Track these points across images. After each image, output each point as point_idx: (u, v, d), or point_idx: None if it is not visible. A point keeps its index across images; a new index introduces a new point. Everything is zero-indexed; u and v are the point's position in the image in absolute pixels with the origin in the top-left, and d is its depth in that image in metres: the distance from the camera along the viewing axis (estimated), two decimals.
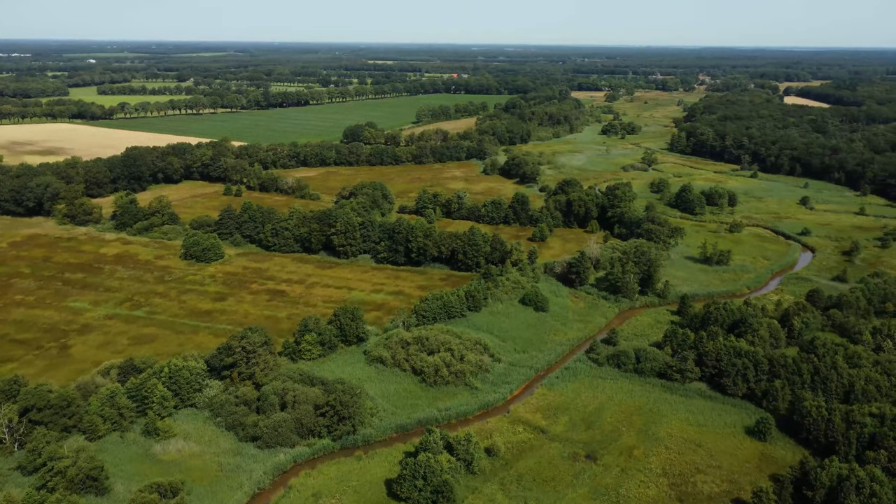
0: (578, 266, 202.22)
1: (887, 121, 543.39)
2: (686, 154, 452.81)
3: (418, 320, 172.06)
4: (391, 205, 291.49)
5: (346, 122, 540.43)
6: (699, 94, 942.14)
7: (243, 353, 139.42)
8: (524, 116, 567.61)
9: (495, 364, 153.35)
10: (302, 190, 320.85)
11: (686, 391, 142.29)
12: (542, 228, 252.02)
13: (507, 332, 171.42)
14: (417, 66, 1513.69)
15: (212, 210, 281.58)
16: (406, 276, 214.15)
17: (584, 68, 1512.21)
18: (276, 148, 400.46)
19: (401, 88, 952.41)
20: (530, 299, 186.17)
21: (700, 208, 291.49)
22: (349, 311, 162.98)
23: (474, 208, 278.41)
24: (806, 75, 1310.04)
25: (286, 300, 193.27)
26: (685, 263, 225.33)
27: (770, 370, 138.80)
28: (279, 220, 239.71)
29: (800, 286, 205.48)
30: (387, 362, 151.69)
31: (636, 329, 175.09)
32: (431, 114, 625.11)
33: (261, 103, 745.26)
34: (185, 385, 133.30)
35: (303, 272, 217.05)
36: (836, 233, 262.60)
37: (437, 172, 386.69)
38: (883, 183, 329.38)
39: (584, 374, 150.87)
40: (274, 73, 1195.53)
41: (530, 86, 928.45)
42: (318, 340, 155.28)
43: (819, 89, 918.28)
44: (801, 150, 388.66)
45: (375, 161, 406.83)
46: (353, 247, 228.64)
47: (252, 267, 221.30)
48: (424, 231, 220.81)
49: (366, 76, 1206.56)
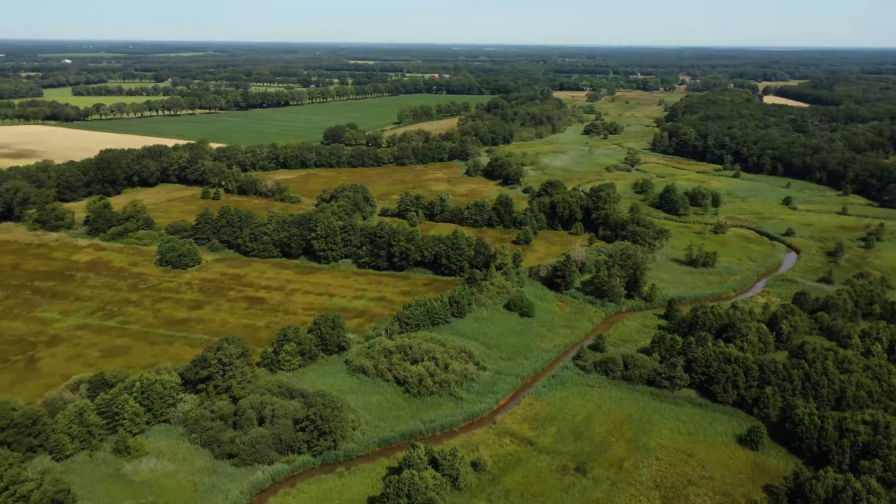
0: (564, 270, 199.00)
1: (865, 120, 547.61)
2: (669, 154, 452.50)
3: (401, 328, 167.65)
4: (373, 208, 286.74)
5: (326, 123, 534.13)
6: (680, 93, 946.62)
7: (219, 366, 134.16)
8: (506, 117, 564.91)
9: (481, 373, 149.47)
10: (282, 193, 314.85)
11: (676, 399, 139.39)
12: (527, 231, 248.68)
13: (492, 338, 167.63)
14: (399, 66, 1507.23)
15: (189, 214, 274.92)
16: (388, 282, 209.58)
17: (566, 68, 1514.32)
18: (256, 150, 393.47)
19: (382, 89, 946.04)
20: (515, 304, 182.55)
21: (684, 209, 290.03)
22: (330, 319, 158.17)
23: (457, 211, 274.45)
24: (784, 75, 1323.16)
25: (265, 308, 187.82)
26: (671, 266, 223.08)
27: (760, 376, 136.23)
28: (258, 224, 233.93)
29: (786, 288, 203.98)
30: (369, 372, 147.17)
31: (623, 334, 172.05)
32: (413, 114, 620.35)
33: (240, 104, 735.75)
34: (158, 400, 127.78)
35: (282, 278, 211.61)
36: (820, 233, 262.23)
37: (419, 174, 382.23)
38: (864, 182, 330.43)
39: (571, 381, 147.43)
40: (253, 74, 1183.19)
41: (512, 86, 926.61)
42: (297, 350, 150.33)
43: (797, 89, 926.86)
44: (782, 150, 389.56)
45: (357, 163, 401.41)
46: (333, 251, 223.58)
47: (230, 273, 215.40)
48: (407, 235, 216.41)
49: (347, 76, 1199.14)
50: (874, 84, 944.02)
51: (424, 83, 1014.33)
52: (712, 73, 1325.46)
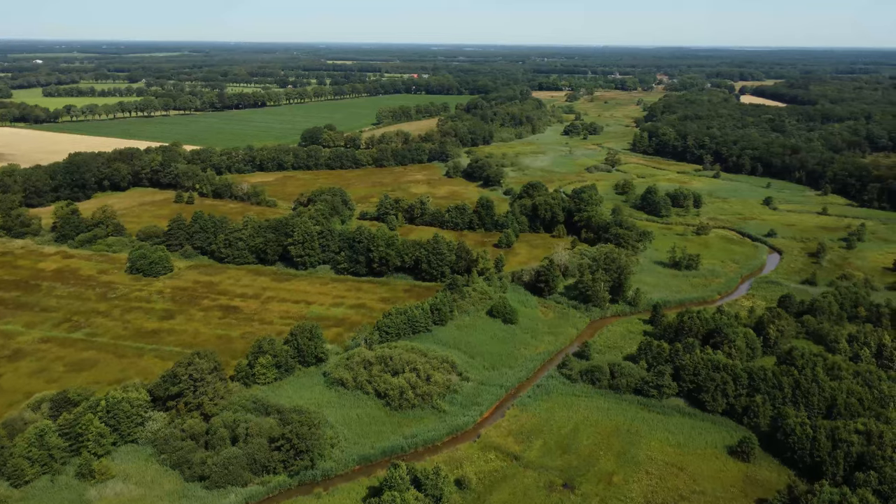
0: (547, 274, 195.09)
1: (841, 119, 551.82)
2: (649, 154, 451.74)
3: (381, 337, 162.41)
4: (351, 211, 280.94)
5: (304, 124, 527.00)
6: (658, 93, 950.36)
7: (190, 382, 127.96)
8: (486, 117, 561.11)
9: (464, 383, 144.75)
10: (258, 196, 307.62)
11: (664, 408, 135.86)
12: (508, 234, 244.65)
13: (475, 347, 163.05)
14: (377, 67, 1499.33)
15: (161, 219, 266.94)
16: (368, 288, 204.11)
17: (544, 68, 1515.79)
18: (231, 152, 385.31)
19: (360, 89, 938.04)
20: (498, 311, 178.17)
21: (666, 210, 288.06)
22: (307, 329, 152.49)
23: (438, 214, 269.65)
24: (759, 74, 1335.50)
25: (240, 317, 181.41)
26: (654, 268, 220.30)
27: (750, 384, 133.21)
28: (232, 229, 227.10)
29: (770, 290, 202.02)
30: (348, 385, 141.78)
31: (608, 341, 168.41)
32: (392, 115, 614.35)
33: (216, 105, 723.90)
34: (125, 419, 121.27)
35: (258, 286, 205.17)
36: (801, 233, 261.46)
37: (398, 176, 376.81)
38: (843, 182, 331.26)
39: (557, 391, 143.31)
40: (230, 74, 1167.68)
41: (491, 86, 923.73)
42: (273, 363, 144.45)
43: (773, 88, 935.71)
44: (761, 150, 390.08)
45: (335, 165, 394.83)
46: (311, 257, 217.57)
47: (203, 281, 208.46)
48: (386, 240, 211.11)
49: (324, 76, 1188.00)
50: (848, 84, 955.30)
51: (403, 83, 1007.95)
52: (689, 72, 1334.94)
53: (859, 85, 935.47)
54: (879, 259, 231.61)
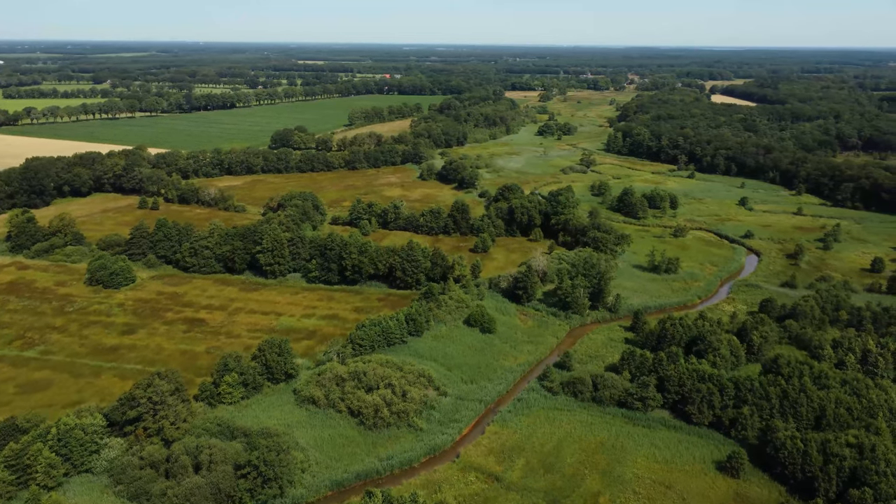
0: (525, 281, 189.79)
1: (810, 118, 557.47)
2: (623, 154, 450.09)
3: (354, 350, 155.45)
4: (323, 216, 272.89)
5: (274, 126, 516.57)
6: (630, 93, 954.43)
7: (149, 405, 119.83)
8: (459, 118, 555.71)
9: (441, 399, 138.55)
10: (226, 201, 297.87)
11: (649, 421, 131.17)
12: (485, 238, 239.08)
13: (452, 358, 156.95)
14: (349, 67, 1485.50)
15: (124, 226, 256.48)
16: (340, 297, 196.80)
17: (517, 68, 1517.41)
18: (198, 155, 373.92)
19: (332, 90, 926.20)
20: (476, 320, 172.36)
21: (643, 212, 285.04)
22: (276, 344, 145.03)
23: (412, 218, 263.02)
24: (728, 74, 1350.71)
25: (205, 330, 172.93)
26: (633, 272, 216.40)
27: (736, 395, 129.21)
28: (198, 237, 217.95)
29: (750, 294, 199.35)
30: (320, 403, 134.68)
31: (589, 349, 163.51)
32: (364, 116, 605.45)
33: (183, 106, 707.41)
34: (79, 447, 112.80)
35: (225, 296, 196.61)
36: (778, 234, 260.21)
37: (371, 178, 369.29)
38: (816, 182, 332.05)
39: (538, 405, 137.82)
40: (198, 75, 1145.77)
41: (464, 86, 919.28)
42: (239, 381, 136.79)
43: (743, 88, 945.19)
44: (735, 150, 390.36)
45: (306, 167, 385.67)
46: (281, 266, 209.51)
47: (167, 292, 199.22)
48: (359, 247, 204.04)
49: (295, 77, 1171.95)
50: (815, 83, 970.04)
51: (375, 84, 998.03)
52: (660, 72, 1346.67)
53: (826, 84, 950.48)
54: (856, 260, 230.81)
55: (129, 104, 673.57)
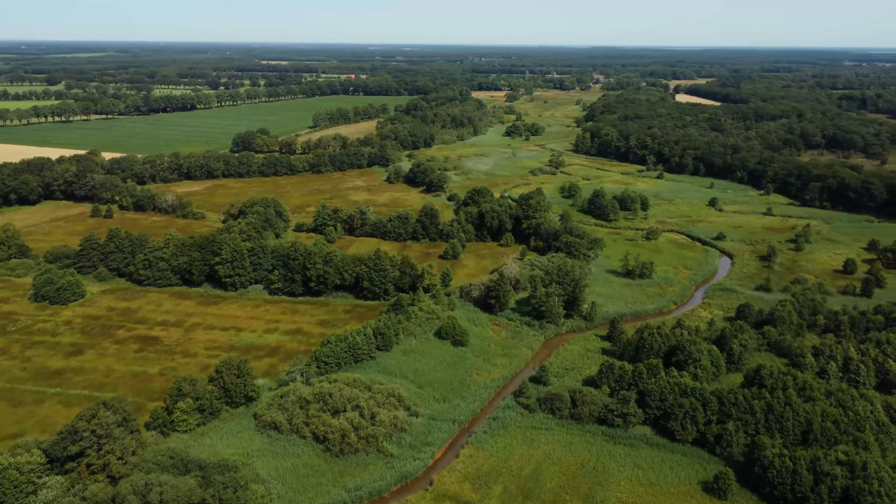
0: (498, 290, 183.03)
1: (773, 117, 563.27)
2: (592, 155, 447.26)
3: (320, 368, 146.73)
4: (286, 223, 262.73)
5: (236, 128, 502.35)
6: (596, 92, 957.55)
7: (94, 438, 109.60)
8: (426, 119, 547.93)
9: (413, 420, 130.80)
10: (184, 208, 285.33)
11: (630, 439, 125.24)
12: (455, 244, 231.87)
13: (423, 374, 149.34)
14: (313, 67, 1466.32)
15: (75, 236, 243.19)
16: (305, 310, 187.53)
17: (482, 68, 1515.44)
18: (155, 160, 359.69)
19: (296, 90, 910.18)
20: (447, 332, 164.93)
21: (614, 214, 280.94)
22: (234, 365, 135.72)
23: (379, 224, 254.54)
24: (691, 73, 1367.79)
25: (160, 349, 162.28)
26: (607, 278, 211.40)
27: (720, 409, 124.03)
28: (153, 248, 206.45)
29: (726, 298, 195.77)
30: (282, 428, 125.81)
31: (566, 361, 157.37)
32: (329, 117, 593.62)
33: (141, 108, 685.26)
34: (13, 489, 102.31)
35: (182, 311, 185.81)
36: (750, 235, 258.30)
37: (337, 182, 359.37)
38: (783, 181, 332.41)
39: (514, 424, 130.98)
40: (158, 75, 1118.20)
41: (430, 86, 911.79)
42: (195, 407, 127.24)
43: (706, 87, 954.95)
44: (703, 150, 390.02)
45: (269, 171, 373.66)
46: (242, 277, 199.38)
47: (120, 307, 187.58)
48: (324, 256, 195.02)
49: (259, 77, 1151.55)
50: (776, 82, 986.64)
51: (341, 84, 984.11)
52: (624, 71, 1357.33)
53: (786, 83, 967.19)
54: (828, 261, 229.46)
55: (84, 106, 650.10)
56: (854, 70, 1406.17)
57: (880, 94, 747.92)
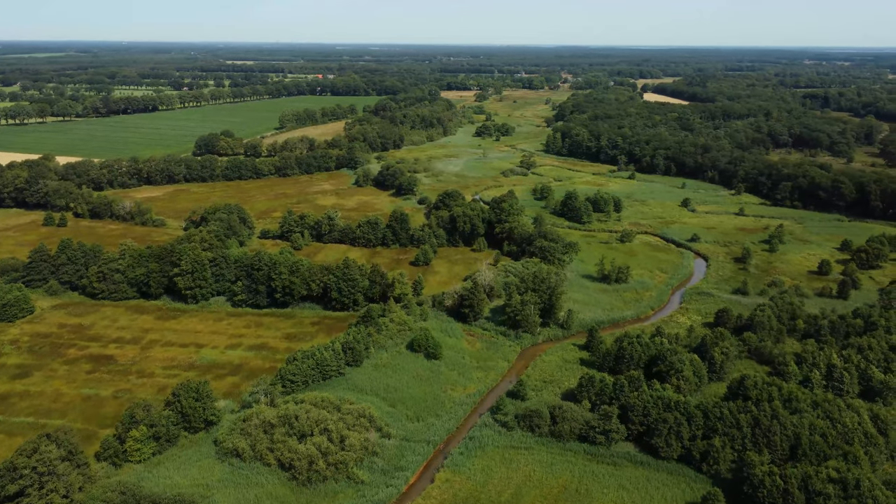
0: (472, 298, 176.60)
1: (741, 116, 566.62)
2: (563, 156, 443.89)
3: (285, 388, 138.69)
4: (251, 230, 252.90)
5: (199, 130, 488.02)
6: (564, 92, 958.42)
7: (35, 476, 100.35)
8: (395, 120, 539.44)
9: (385, 442, 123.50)
10: (143, 215, 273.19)
11: (613, 458, 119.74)
12: (426, 251, 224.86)
13: (395, 391, 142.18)
14: (280, 67, 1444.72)
15: (26, 246, 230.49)
16: (270, 323, 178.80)
17: (451, 67, 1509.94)
18: (113, 164, 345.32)
19: (262, 91, 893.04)
20: (420, 344, 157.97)
21: (587, 216, 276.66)
22: (193, 388, 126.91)
23: (348, 230, 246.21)
24: (657, 72, 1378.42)
25: (114, 370, 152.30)
26: (583, 283, 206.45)
27: (705, 424, 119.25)
28: (108, 259, 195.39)
29: (704, 303, 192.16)
30: (245, 455, 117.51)
31: (544, 373, 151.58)
32: (296, 118, 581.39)
33: (100, 110, 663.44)
34: None
35: (139, 326, 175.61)
36: (723, 237, 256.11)
37: (304, 186, 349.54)
38: (754, 181, 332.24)
39: (492, 443, 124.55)
40: (118, 76, 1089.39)
41: (399, 86, 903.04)
42: (150, 434, 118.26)
43: (674, 86, 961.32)
44: (674, 150, 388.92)
45: (233, 175, 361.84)
46: (203, 289, 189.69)
47: (71, 324, 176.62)
48: (290, 266, 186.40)
49: (223, 78, 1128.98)
50: (741, 81, 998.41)
51: (308, 84, 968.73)
52: (592, 70, 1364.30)
53: (751, 82, 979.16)
54: (802, 262, 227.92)
55: (40, 108, 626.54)
56: (815, 69, 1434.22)
57: (842, 93, 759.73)
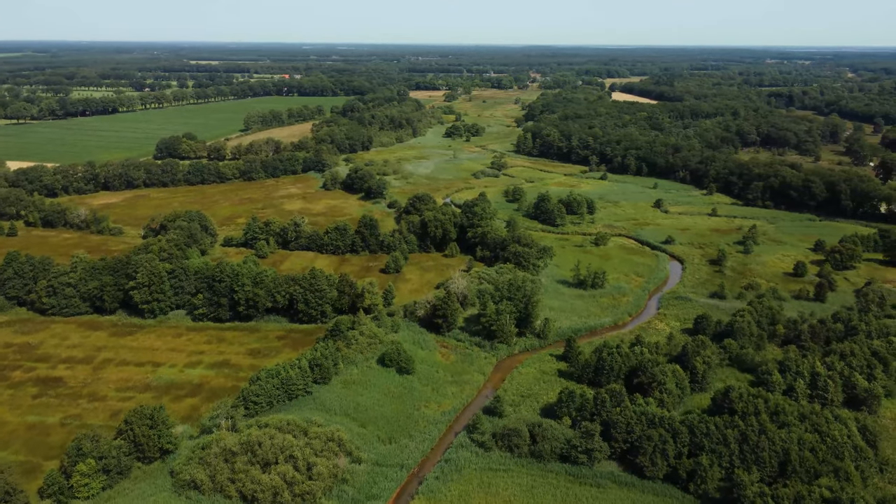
0: (445, 308, 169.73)
1: (708, 115, 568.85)
2: (533, 156, 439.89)
3: (248, 410, 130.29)
4: (214, 238, 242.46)
5: (161, 133, 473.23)
6: (534, 91, 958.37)
7: None
8: (364, 121, 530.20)
9: (355, 467, 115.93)
10: (99, 223, 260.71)
11: (597, 478, 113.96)
12: (397, 257, 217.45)
13: (366, 410, 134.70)
14: (245, 67, 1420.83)
15: None
16: (233, 338, 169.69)
17: (420, 67, 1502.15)
18: (69, 169, 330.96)
19: (226, 91, 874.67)
20: (391, 359, 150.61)
21: (561, 219, 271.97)
22: (147, 414, 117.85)
23: (315, 236, 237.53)
24: (624, 72, 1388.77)
25: (63, 393, 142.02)
26: (558, 289, 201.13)
27: (691, 441, 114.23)
28: (58, 273, 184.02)
29: (681, 308, 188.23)
30: (203, 488, 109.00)
31: (521, 386, 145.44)
32: (262, 120, 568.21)
33: (57, 112, 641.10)
34: None
35: (91, 344, 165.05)
36: (698, 238, 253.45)
37: (269, 190, 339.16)
38: (725, 181, 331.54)
39: (469, 466, 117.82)
40: (77, 76, 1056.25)
41: (367, 86, 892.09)
42: (99, 468, 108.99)
43: (641, 85, 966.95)
44: (645, 150, 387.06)
45: (195, 180, 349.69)
46: (161, 302, 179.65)
47: (17, 343, 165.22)
48: (253, 277, 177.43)
49: (187, 78, 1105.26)
50: (706, 80, 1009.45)
51: (274, 85, 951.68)
52: (560, 70, 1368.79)
53: (717, 81, 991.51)
54: (778, 264, 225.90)
55: None
56: (777, 68, 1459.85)
57: (805, 92, 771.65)
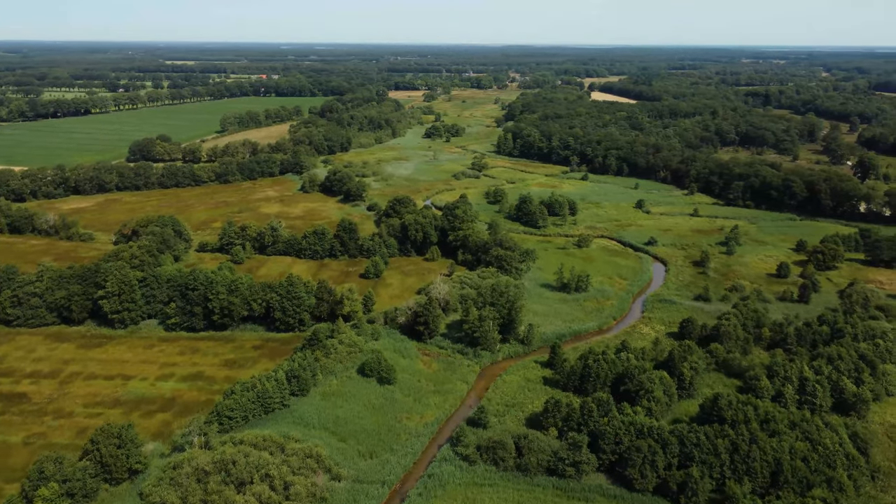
0: (426, 314, 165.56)
1: (687, 115, 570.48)
2: (514, 157, 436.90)
3: (223, 425, 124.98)
4: (188, 243, 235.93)
5: (135, 135, 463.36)
6: (513, 91, 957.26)
7: None
8: (342, 121, 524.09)
9: (335, 485, 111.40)
10: (69, 229, 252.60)
11: (585, 492, 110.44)
12: (377, 262, 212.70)
13: (346, 423, 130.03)
14: (222, 67, 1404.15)
15: None
16: (207, 348, 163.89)
17: (399, 67, 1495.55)
18: (37, 173, 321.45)
19: (202, 92, 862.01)
20: (372, 368, 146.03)
21: (543, 221, 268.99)
22: (114, 433, 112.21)
23: (293, 241, 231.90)
24: (603, 71, 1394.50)
25: (27, 410, 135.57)
26: (542, 293, 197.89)
27: (681, 451, 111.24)
28: (23, 282, 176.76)
29: (666, 311, 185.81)
30: None
31: (506, 395, 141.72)
32: (238, 121, 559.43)
33: (27, 114, 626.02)
34: None
35: (58, 357, 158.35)
36: (680, 239, 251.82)
37: (246, 193, 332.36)
38: (706, 181, 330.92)
39: (453, 481, 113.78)
40: (49, 77, 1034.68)
41: (346, 86, 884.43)
42: (62, 492, 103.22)
43: (620, 85, 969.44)
44: (625, 150, 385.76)
45: (170, 183, 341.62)
46: (132, 312, 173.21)
47: None
48: (228, 285, 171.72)
49: (162, 78, 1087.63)
50: (684, 79, 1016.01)
51: (251, 85, 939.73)
52: (539, 70, 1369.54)
53: (694, 80, 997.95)
54: (760, 264, 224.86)
55: None
56: (753, 67, 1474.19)
57: (782, 91, 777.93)
